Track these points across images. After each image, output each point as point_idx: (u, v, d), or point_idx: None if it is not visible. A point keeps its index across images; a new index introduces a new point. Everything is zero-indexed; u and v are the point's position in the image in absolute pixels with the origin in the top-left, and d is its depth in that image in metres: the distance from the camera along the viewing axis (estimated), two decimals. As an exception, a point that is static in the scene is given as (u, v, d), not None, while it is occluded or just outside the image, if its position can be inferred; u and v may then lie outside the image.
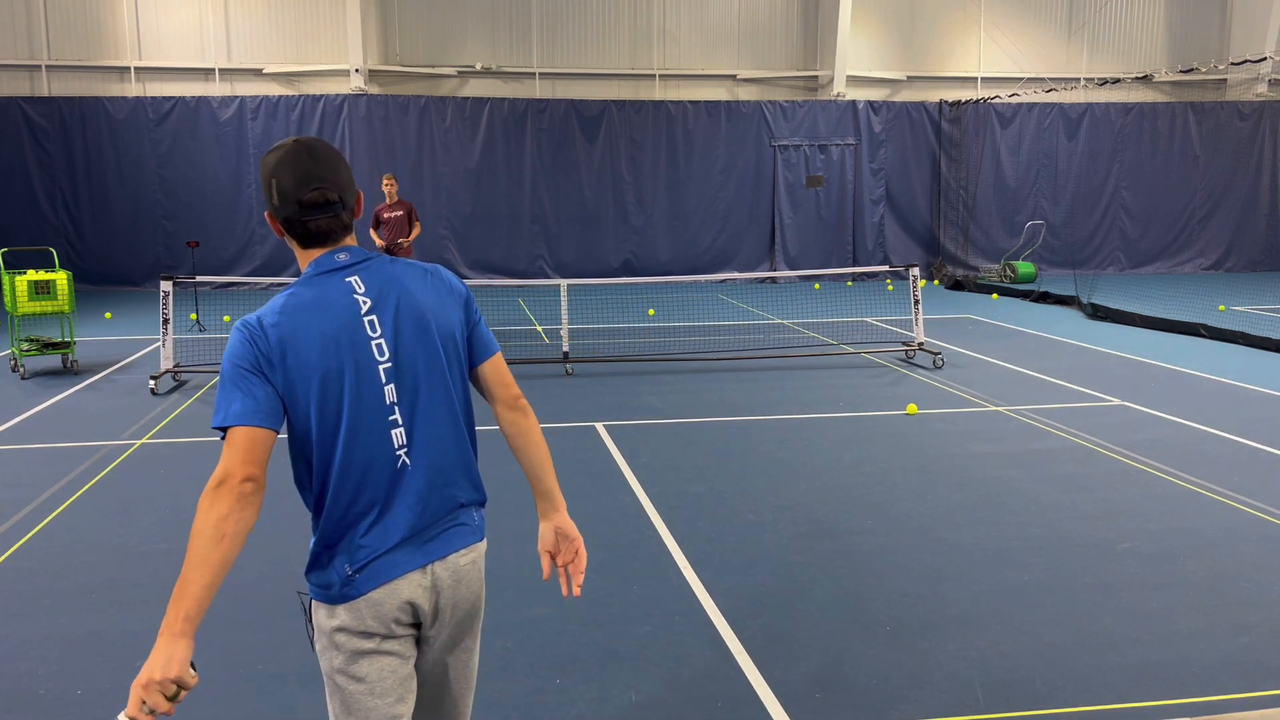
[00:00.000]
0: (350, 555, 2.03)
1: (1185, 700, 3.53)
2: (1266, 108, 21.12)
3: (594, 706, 3.51)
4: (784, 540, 5.16)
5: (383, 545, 2.03)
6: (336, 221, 2.09)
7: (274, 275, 17.97)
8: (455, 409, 2.13)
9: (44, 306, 9.68)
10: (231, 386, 1.99)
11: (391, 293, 2.09)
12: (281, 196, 2.05)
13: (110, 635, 4.08)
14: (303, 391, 2.01)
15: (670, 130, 19.46)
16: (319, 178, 2.05)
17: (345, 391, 2.02)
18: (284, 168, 2.04)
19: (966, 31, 20.62)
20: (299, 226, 2.07)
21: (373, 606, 2.02)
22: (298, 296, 2.05)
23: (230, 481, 1.95)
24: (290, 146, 2.07)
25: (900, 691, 3.60)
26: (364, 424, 2.03)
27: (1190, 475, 6.27)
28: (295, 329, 2.00)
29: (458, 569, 2.11)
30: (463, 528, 2.14)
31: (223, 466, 1.97)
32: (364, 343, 2.04)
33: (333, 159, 2.08)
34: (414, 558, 2.05)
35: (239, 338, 2.01)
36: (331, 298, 2.05)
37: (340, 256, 2.10)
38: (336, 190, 2.07)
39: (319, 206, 2.05)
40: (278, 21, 18.49)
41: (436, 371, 2.10)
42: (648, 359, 10.60)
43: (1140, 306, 14.63)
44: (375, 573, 2.02)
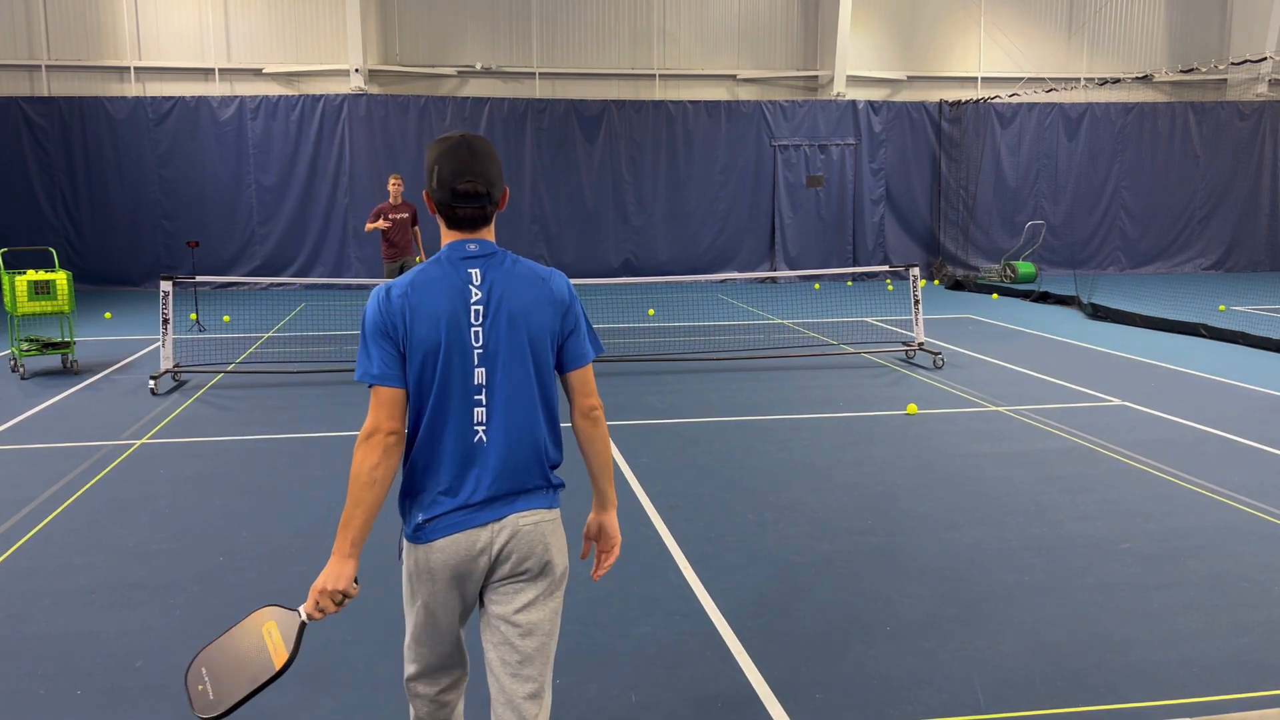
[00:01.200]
0: (424, 507, 2.35)
1: (1185, 700, 3.53)
2: (1266, 108, 21.12)
3: (594, 706, 3.51)
4: (784, 540, 5.16)
5: (452, 504, 2.33)
6: (480, 212, 2.39)
7: (273, 275, 17.98)
8: (534, 402, 2.39)
9: (44, 306, 9.68)
10: (369, 347, 2.33)
11: (499, 289, 2.36)
12: (439, 182, 2.35)
13: (110, 635, 4.07)
14: (411, 356, 2.31)
15: (670, 130, 19.46)
16: (474, 172, 2.34)
17: (441, 364, 2.31)
18: (446, 158, 2.35)
19: (966, 31, 20.62)
20: (448, 210, 2.37)
21: (438, 553, 2.35)
22: (426, 274, 2.35)
23: (377, 435, 2.29)
24: (456, 140, 2.37)
25: (900, 691, 3.60)
26: (452, 396, 2.33)
27: (1190, 475, 6.27)
28: (416, 303, 2.31)
29: (518, 528, 2.37)
30: (530, 494, 2.41)
31: (371, 420, 2.31)
32: (465, 327, 2.33)
33: (489, 157, 2.38)
34: (479, 516, 2.34)
35: (373, 304, 2.34)
36: (451, 282, 2.34)
37: (471, 246, 2.38)
38: (486, 185, 2.36)
39: (469, 196, 2.35)
40: (278, 21, 18.49)
41: (521, 366, 2.36)
42: (648, 359, 10.60)
43: (1140, 306, 14.63)
44: (443, 526, 2.34)
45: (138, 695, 3.59)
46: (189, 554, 4.98)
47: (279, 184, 18.38)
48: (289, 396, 8.83)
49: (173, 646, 3.97)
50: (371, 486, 2.28)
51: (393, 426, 2.30)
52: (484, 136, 2.47)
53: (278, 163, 18.34)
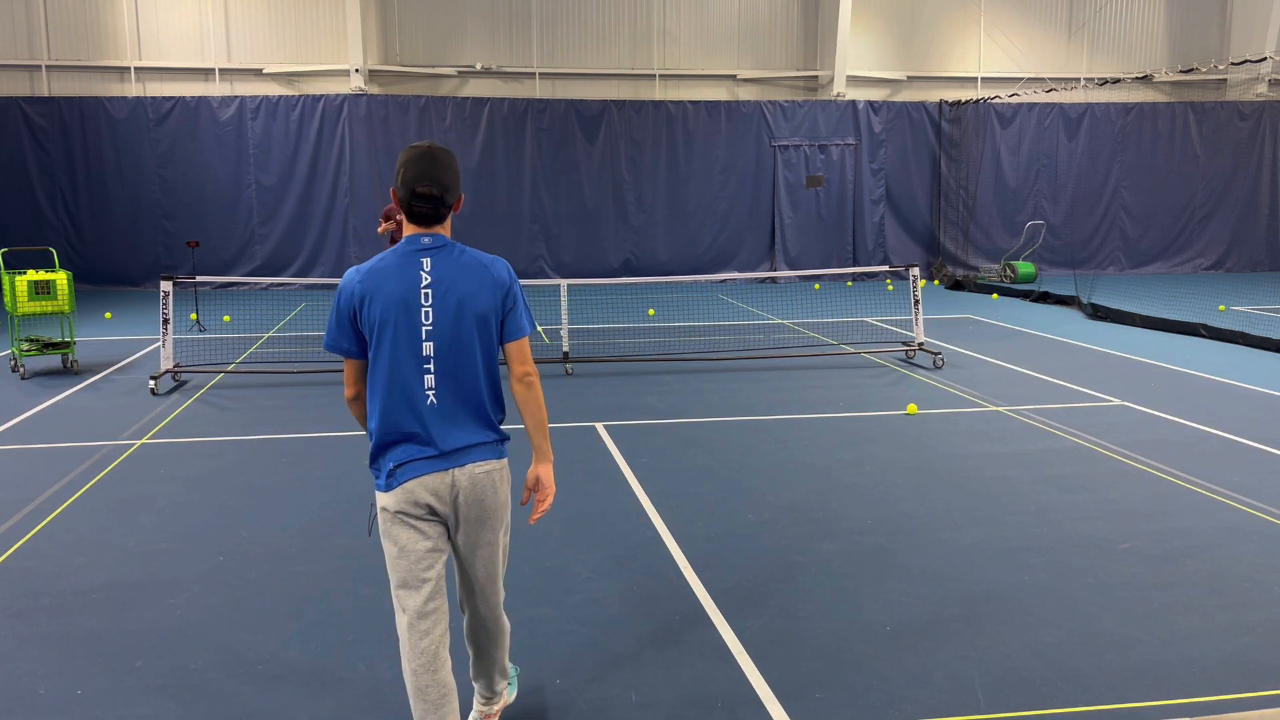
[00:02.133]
0: (393, 457, 2.84)
1: (1185, 700, 3.53)
2: (1266, 108, 21.12)
3: (594, 706, 3.51)
4: (784, 540, 5.16)
5: (417, 455, 2.82)
6: (435, 211, 2.85)
7: (274, 275, 17.98)
8: (477, 371, 2.87)
9: (44, 306, 9.68)
10: (335, 324, 2.88)
11: (447, 275, 2.83)
12: (403, 182, 2.81)
13: (110, 635, 4.07)
14: (369, 332, 2.82)
15: (670, 130, 19.46)
16: (432, 177, 2.80)
17: (396, 339, 2.80)
18: (412, 163, 2.81)
19: (966, 31, 20.62)
20: (408, 207, 2.83)
21: (407, 494, 2.83)
22: (384, 262, 2.84)
23: (346, 394, 3.01)
24: (423, 149, 2.82)
25: (900, 691, 3.60)
26: (405, 366, 2.82)
27: (1190, 475, 6.27)
28: (374, 287, 2.81)
29: (474, 476, 2.87)
30: (481, 447, 2.90)
31: (344, 380, 2.99)
32: (416, 308, 2.81)
33: (447, 167, 2.83)
34: (439, 464, 2.84)
35: (343, 285, 2.85)
36: (405, 269, 2.82)
37: (425, 240, 2.85)
38: (441, 190, 2.81)
39: (425, 198, 2.81)
40: (278, 21, 18.49)
41: (465, 341, 2.84)
42: (648, 359, 10.60)
43: (1140, 306, 14.63)
44: (410, 471, 2.82)
45: (138, 695, 3.59)
46: (189, 554, 4.98)
47: (279, 184, 18.38)
48: (289, 396, 8.83)
49: (173, 646, 3.97)
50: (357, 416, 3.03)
51: (353, 387, 2.96)
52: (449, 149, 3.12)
53: (278, 163, 18.34)
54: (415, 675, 2.89)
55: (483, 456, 2.89)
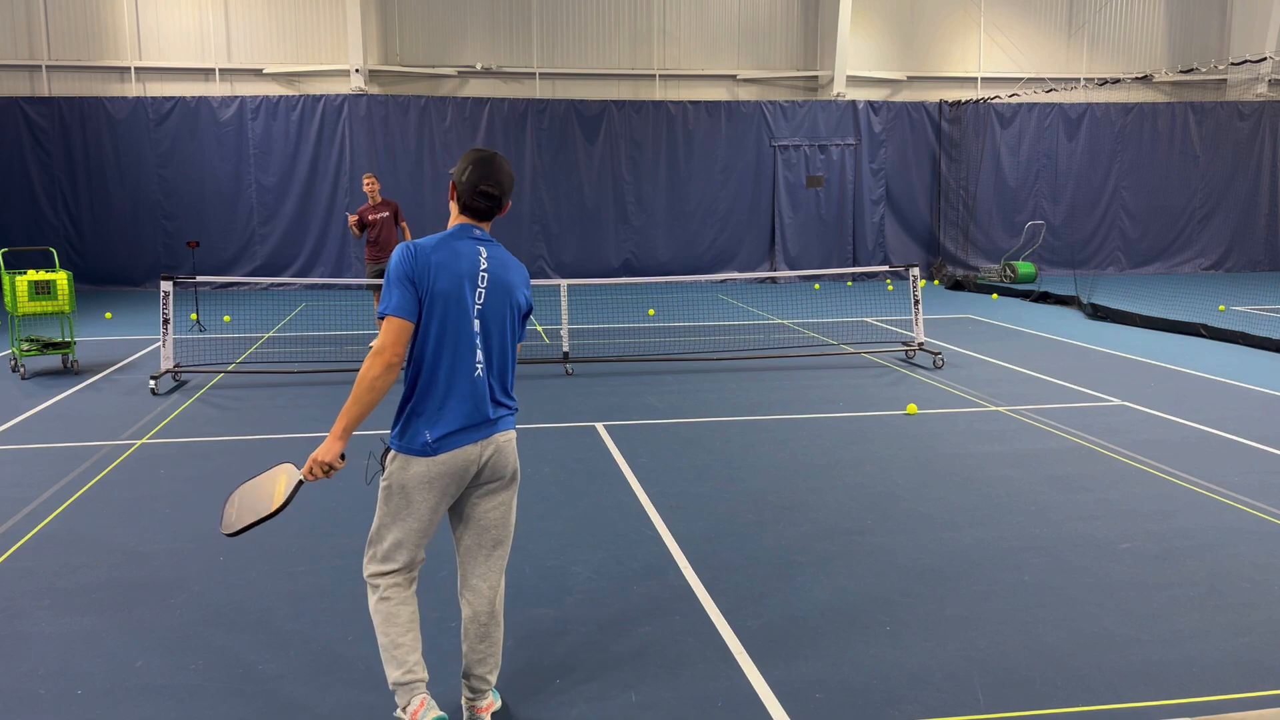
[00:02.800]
0: (433, 427, 3.02)
1: (1185, 700, 3.53)
2: (1266, 108, 21.12)
3: (594, 706, 3.51)
4: (784, 540, 5.16)
5: (458, 424, 3.04)
6: (490, 210, 3.15)
7: (274, 275, 17.98)
8: (508, 351, 3.18)
9: (44, 306, 9.68)
10: (393, 286, 2.99)
11: (496, 266, 3.13)
12: (470, 180, 3.08)
13: (110, 635, 4.07)
14: (431, 302, 3.00)
15: (670, 130, 19.46)
16: (497, 180, 3.10)
17: (456, 313, 3.02)
18: (479, 165, 3.09)
19: (966, 31, 20.62)
20: (471, 201, 3.10)
21: (441, 464, 3.04)
22: (448, 243, 3.07)
23: (384, 354, 2.96)
24: (489, 154, 3.12)
25: (900, 691, 3.60)
26: (461, 339, 3.04)
27: (1190, 475, 6.27)
28: (442, 260, 3.03)
29: (499, 445, 3.15)
30: (506, 418, 3.19)
31: (381, 340, 2.99)
32: (473, 288, 3.06)
33: (508, 172, 3.13)
34: (475, 434, 3.08)
35: (403, 254, 3.01)
36: (470, 252, 3.09)
37: (477, 232, 3.15)
38: (500, 191, 3.11)
39: (488, 196, 3.10)
40: (278, 21, 18.50)
41: (505, 323, 3.14)
42: (648, 359, 10.60)
43: (1140, 306, 14.63)
44: (451, 442, 3.04)
45: (138, 695, 3.59)
46: (189, 554, 4.98)
47: (279, 184, 18.38)
48: (289, 397, 8.83)
49: (173, 646, 3.97)
50: (370, 391, 2.95)
51: (398, 351, 2.98)
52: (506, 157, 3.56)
53: (278, 163, 18.34)
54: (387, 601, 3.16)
55: (507, 426, 3.19)
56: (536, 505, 5.70)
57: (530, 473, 6.32)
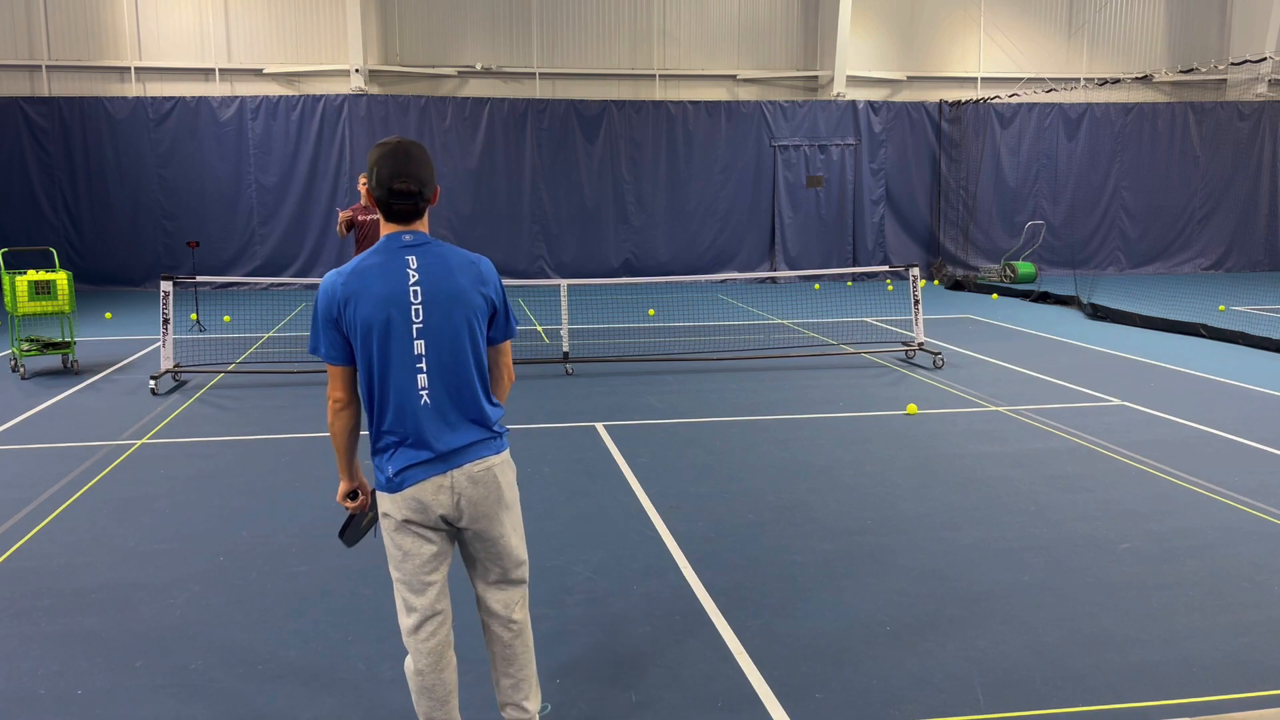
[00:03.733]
0: (392, 460, 2.76)
1: (1185, 700, 3.53)
2: (1266, 108, 21.12)
3: (594, 706, 3.51)
4: (784, 540, 5.16)
5: (414, 459, 2.74)
6: (413, 208, 2.77)
7: (274, 275, 17.98)
8: (469, 368, 2.79)
9: (44, 306, 9.68)
10: (318, 329, 2.78)
11: (434, 272, 2.74)
12: (379, 181, 2.73)
13: (110, 635, 4.07)
14: (358, 335, 2.72)
15: (670, 130, 19.45)
16: (408, 173, 2.72)
17: (387, 339, 2.71)
18: (385, 160, 2.73)
19: (966, 31, 20.62)
20: (386, 205, 2.75)
21: (407, 500, 2.77)
22: (367, 261, 2.74)
23: (328, 402, 2.84)
24: (394, 145, 2.74)
25: (900, 691, 3.60)
26: (397, 366, 2.72)
27: (1190, 475, 6.27)
28: (359, 288, 2.71)
29: (472, 475, 2.79)
30: (478, 445, 2.81)
31: (328, 388, 2.84)
32: (405, 306, 2.71)
33: (421, 160, 2.75)
34: (437, 467, 2.76)
35: (323, 291, 2.75)
36: (391, 267, 2.73)
37: (406, 237, 2.77)
38: (418, 185, 2.74)
39: (403, 194, 2.73)
40: (278, 21, 18.49)
41: (456, 338, 2.76)
42: (648, 359, 10.60)
43: (1140, 306, 14.63)
44: (409, 477, 2.75)
45: (138, 695, 3.59)
46: (189, 554, 4.98)
47: (279, 184, 18.38)
48: (289, 396, 8.83)
49: (173, 646, 3.97)
50: (334, 437, 2.87)
51: (342, 396, 2.81)
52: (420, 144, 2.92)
53: (278, 163, 18.34)
54: (421, 675, 2.88)
55: (479, 455, 2.81)
56: (536, 505, 5.70)
57: (530, 473, 6.32)
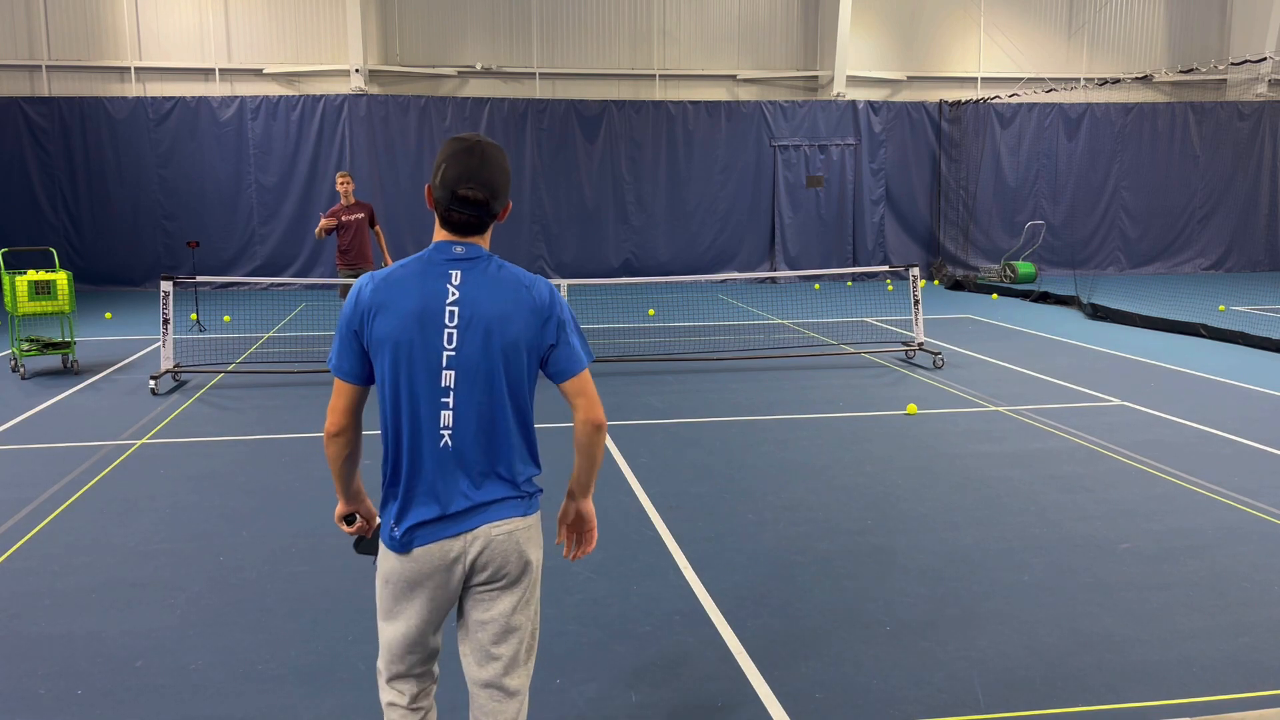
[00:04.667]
0: (397, 517, 2.36)
1: (1185, 700, 3.53)
2: (1266, 108, 21.12)
3: (594, 706, 3.51)
4: (784, 540, 5.16)
5: (423, 516, 2.33)
6: (475, 220, 2.35)
7: (274, 275, 17.98)
8: (504, 409, 2.35)
9: (44, 306, 9.68)
10: (339, 340, 2.40)
11: (477, 293, 2.32)
12: (444, 181, 2.33)
13: (110, 635, 4.07)
14: (378, 353, 2.33)
15: (670, 130, 19.45)
16: (480, 179, 2.32)
17: (411, 363, 2.30)
18: (456, 159, 2.32)
19: (966, 31, 20.62)
20: (445, 211, 2.35)
21: (413, 562, 2.35)
22: (404, 269, 2.35)
23: (328, 423, 2.43)
24: (471, 143, 2.35)
25: (900, 691, 3.60)
26: (418, 398, 2.31)
27: (1190, 475, 6.27)
28: (386, 299, 2.31)
29: (491, 538, 2.35)
30: (501, 504, 2.37)
31: (330, 406, 2.43)
32: (437, 328, 2.30)
33: (498, 167, 2.35)
34: (449, 528, 2.33)
35: (352, 293, 2.37)
36: (428, 280, 2.32)
37: (458, 249, 2.35)
38: (488, 194, 2.33)
39: (468, 202, 2.32)
40: (278, 21, 18.49)
41: (493, 373, 2.32)
42: (648, 359, 10.60)
43: (1140, 306, 14.63)
44: (416, 538, 2.33)
45: (138, 695, 3.59)
46: (189, 554, 4.98)
47: (279, 184, 18.37)
48: (289, 397, 8.83)
49: (173, 646, 3.97)
50: (331, 461, 2.47)
51: (338, 420, 2.40)
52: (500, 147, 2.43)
53: (278, 163, 18.34)
54: None
55: (503, 514, 2.37)
56: (536, 505, 5.70)
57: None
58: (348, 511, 2.62)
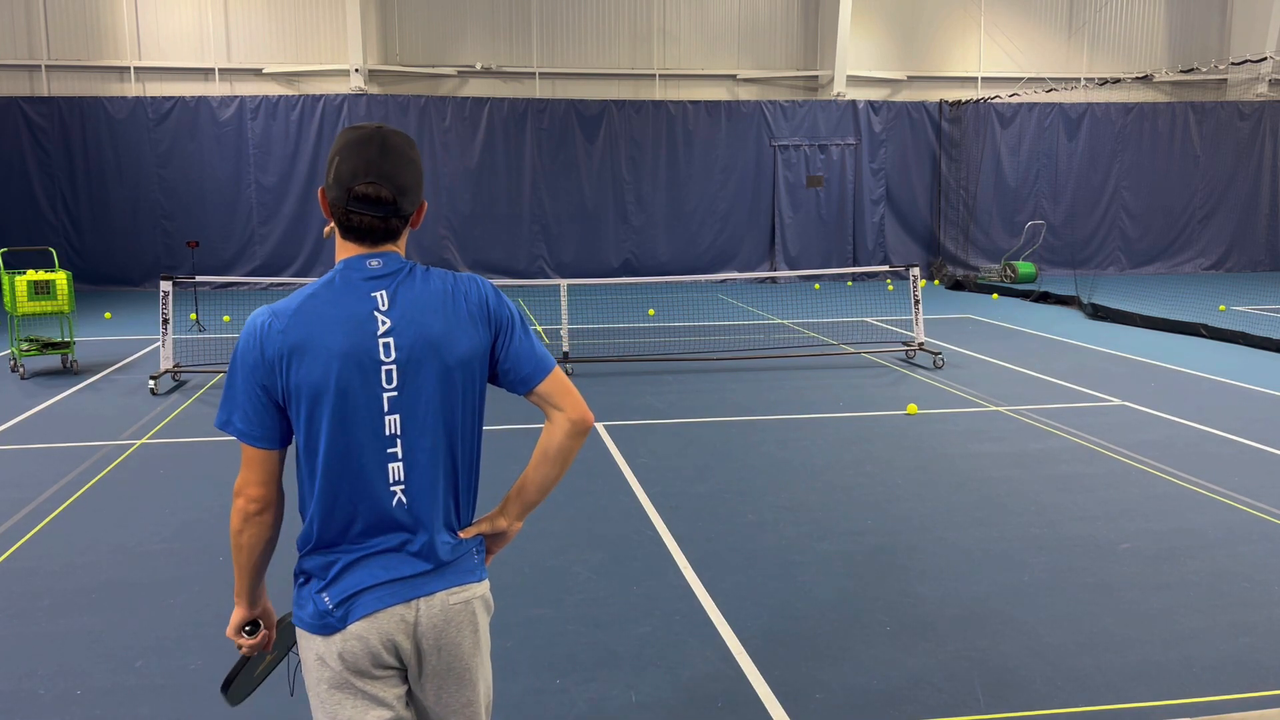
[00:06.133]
0: (333, 588, 1.93)
1: (1185, 700, 3.53)
2: (1266, 108, 21.12)
3: (594, 706, 3.51)
4: (784, 540, 5.16)
5: (368, 580, 1.92)
6: (382, 223, 1.94)
7: (273, 275, 17.97)
8: (461, 445, 1.98)
9: (44, 306, 9.67)
10: (235, 391, 1.92)
11: (412, 314, 1.92)
12: (336, 178, 1.92)
13: (110, 635, 4.07)
14: (301, 405, 1.89)
15: (670, 130, 19.45)
16: (381, 173, 1.90)
17: (345, 415, 1.88)
18: (350, 151, 1.92)
19: (966, 31, 20.62)
20: (342, 214, 1.94)
21: (353, 641, 1.92)
22: (316, 299, 1.92)
23: (238, 500, 1.97)
24: (369, 132, 1.93)
25: (900, 691, 3.60)
26: (360, 452, 1.90)
27: (1190, 475, 6.27)
28: (306, 337, 1.87)
29: (447, 607, 1.96)
30: (457, 564, 1.99)
31: (240, 478, 1.97)
32: (373, 366, 1.88)
33: (404, 158, 1.93)
34: (400, 592, 1.92)
35: (249, 334, 1.91)
36: (350, 309, 1.90)
37: (373, 263, 1.94)
38: (393, 191, 1.91)
39: (368, 201, 1.91)
40: (278, 21, 18.49)
41: (444, 409, 1.94)
42: (648, 359, 10.60)
43: (1140, 306, 14.63)
44: (356, 607, 1.92)
45: (138, 695, 3.59)
46: (189, 554, 4.98)
47: (279, 184, 18.37)
48: (289, 396, 8.82)
49: (172, 647, 3.97)
50: (239, 550, 2.02)
51: (261, 495, 1.94)
52: (407, 134, 2.02)
53: (277, 163, 18.34)
54: None
55: (461, 579, 1.99)
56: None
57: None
58: (251, 618, 2.16)
